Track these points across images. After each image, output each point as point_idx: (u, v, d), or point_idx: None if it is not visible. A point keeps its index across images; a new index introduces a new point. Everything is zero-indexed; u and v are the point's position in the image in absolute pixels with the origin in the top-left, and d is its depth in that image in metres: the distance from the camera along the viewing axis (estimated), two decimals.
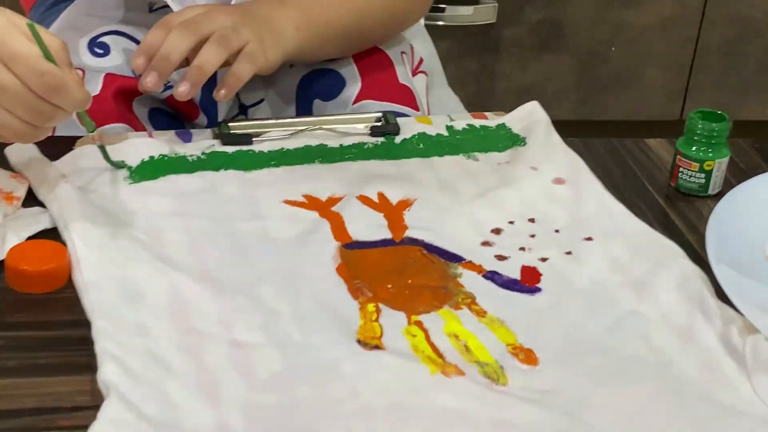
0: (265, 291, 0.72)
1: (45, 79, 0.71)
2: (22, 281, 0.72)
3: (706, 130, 0.87)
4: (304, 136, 0.90)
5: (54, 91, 0.72)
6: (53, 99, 0.72)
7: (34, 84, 0.71)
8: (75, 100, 0.73)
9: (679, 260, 0.77)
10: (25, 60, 0.71)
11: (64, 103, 0.73)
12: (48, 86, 0.72)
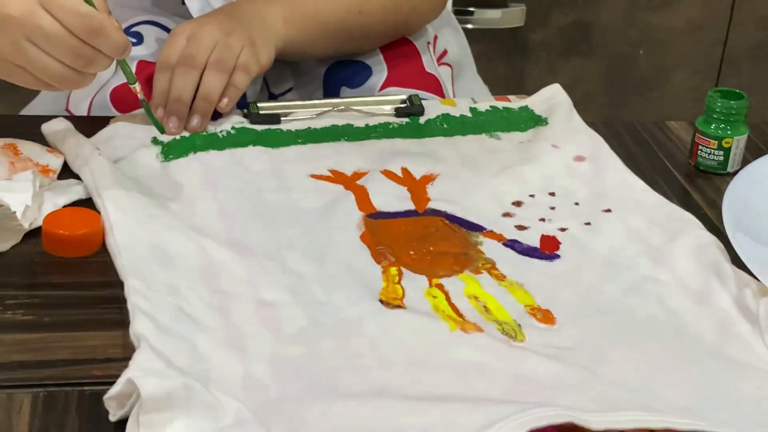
0: (291, 255, 0.74)
1: (85, 21, 0.74)
2: (58, 245, 0.75)
3: (725, 108, 0.89)
4: (331, 117, 0.92)
5: (94, 33, 0.75)
6: (93, 41, 0.75)
7: (74, 26, 0.74)
8: (114, 44, 0.76)
9: (696, 230, 0.79)
10: (66, 3, 0.74)
11: (104, 45, 0.76)
12: (88, 28, 0.75)
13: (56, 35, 0.75)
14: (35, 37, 0.75)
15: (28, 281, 0.73)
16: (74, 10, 0.74)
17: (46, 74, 0.77)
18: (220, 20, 0.93)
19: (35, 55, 0.75)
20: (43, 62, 0.76)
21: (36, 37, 0.75)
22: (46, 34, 0.75)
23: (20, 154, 0.84)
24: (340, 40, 1.03)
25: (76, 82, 0.78)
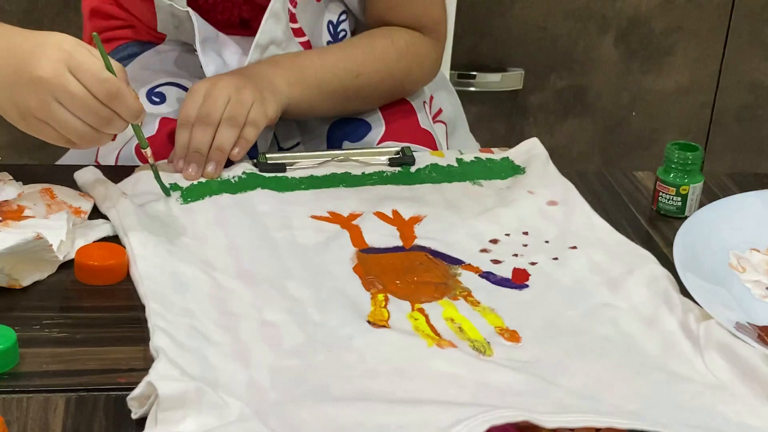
0: (291, 283, 0.85)
1: (106, 85, 0.85)
2: (88, 274, 0.85)
3: (682, 158, 1.00)
4: (331, 166, 1.03)
5: (113, 97, 0.86)
6: (112, 104, 0.86)
7: (96, 90, 0.85)
8: (131, 108, 0.87)
9: (651, 265, 0.89)
10: (90, 69, 0.85)
11: (121, 109, 0.87)
12: (108, 92, 0.85)
13: (80, 97, 0.85)
14: (62, 98, 0.86)
15: (62, 305, 0.83)
16: (97, 75, 0.86)
17: (69, 131, 0.87)
18: (232, 78, 1.05)
19: (61, 113, 0.86)
20: (67, 120, 0.87)
21: (63, 98, 0.86)
22: (72, 96, 0.86)
23: (56, 197, 0.95)
24: (340, 101, 1.14)
25: (95, 140, 0.89)
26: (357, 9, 1.22)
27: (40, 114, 0.86)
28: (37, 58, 0.85)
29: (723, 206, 0.98)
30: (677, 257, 0.88)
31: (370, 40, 1.18)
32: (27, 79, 0.85)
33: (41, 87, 0.85)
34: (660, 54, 2.01)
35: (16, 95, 0.86)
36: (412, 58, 1.18)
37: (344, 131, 1.17)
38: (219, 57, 1.12)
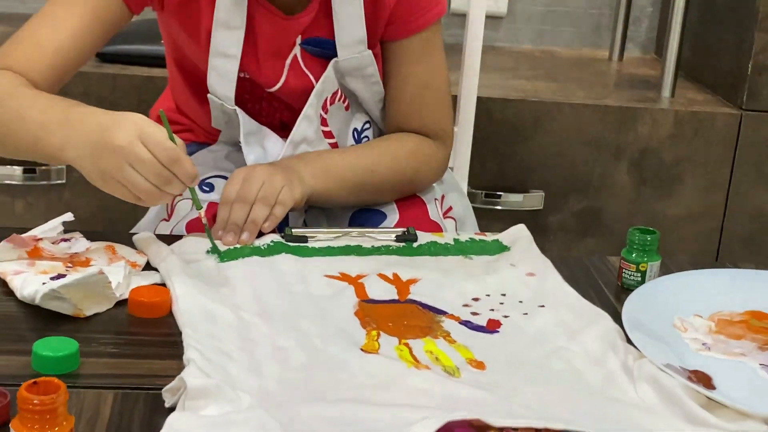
0: (301, 321, 1.03)
1: (168, 153, 1.06)
2: (139, 309, 1.05)
3: (641, 240, 1.18)
4: (346, 240, 1.23)
5: (173, 162, 1.06)
6: (173, 168, 1.06)
7: (161, 156, 1.06)
8: (188, 172, 1.08)
9: (606, 321, 1.06)
10: (156, 139, 1.06)
11: (180, 172, 1.07)
12: (170, 158, 1.06)
13: (148, 162, 1.06)
14: (134, 162, 1.07)
15: (116, 330, 1.02)
16: (162, 144, 1.07)
17: (138, 190, 1.08)
18: (266, 167, 1.26)
19: (132, 175, 1.07)
20: (137, 181, 1.07)
21: (134, 162, 1.07)
22: (142, 161, 1.07)
23: (116, 253, 1.15)
24: (356, 193, 1.35)
25: (158, 198, 1.10)
26: (378, 119, 1.44)
27: (117, 175, 1.07)
28: (115, 130, 1.07)
29: (674, 279, 1.15)
30: (625, 315, 1.06)
31: (384, 142, 1.39)
32: (107, 147, 1.07)
33: (118, 153, 1.06)
34: (670, 182, 2.20)
35: (97, 160, 1.08)
36: (421, 158, 1.39)
37: (363, 219, 1.37)
38: (260, 148, 1.33)
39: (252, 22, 1.32)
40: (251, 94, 1.37)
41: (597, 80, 2.38)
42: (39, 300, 1.02)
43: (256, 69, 1.34)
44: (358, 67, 1.36)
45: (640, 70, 2.50)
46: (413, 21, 1.37)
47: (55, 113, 1.13)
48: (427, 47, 1.40)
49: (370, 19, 1.35)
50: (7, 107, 1.17)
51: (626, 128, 2.18)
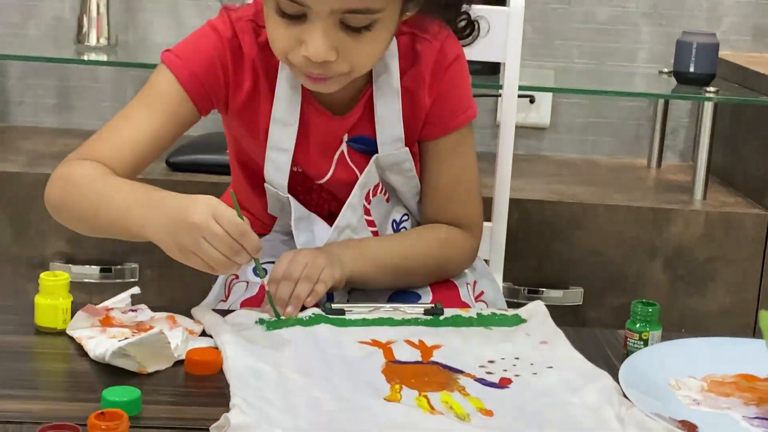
0: (334, 377, 1.18)
1: (238, 227, 1.23)
2: (194, 366, 1.20)
3: (643, 312, 1.31)
4: (379, 313, 1.38)
5: (242, 235, 1.23)
6: (241, 241, 1.23)
7: (231, 230, 1.22)
8: (254, 244, 1.24)
9: (605, 379, 1.19)
10: (227, 217, 1.23)
11: (247, 244, 1.24)
12: (239, 232, 1.23)
13: (221, 236, 1.23)
14: (208, 236, 1.23)
15: (174, 383, 1.18)
16: (232, 220, 1.24)
17: (211, 260, 1.24)
18: (310, 250, 1.42)
19: (206, 247, 1.24)
20: (211, 253, 1.24)
21: (208, 236, 1.23)
22: (215, 235, 1.23)
23: (176, 322, 1.31)
24: (391, 276, 1.50)
25: (228, 266, 1.26)
26: (415, 211, 1.60)
27: (193, 248, 1.24)
28: (192, 210, 1.24)
29: (672, 344, 1.28)
30: (622, 372, 1.19)
31: (417, 231, 1.56)
32: (185, 224, 1.24)
33: (195, 229, 1.24)
34: (703, 279, 2.32)
35: (175, 236, 1.25)
36: (451, 246, 1.55)
37: (399, 300, 1.52)
38: (309, 232, 1.50)
39: (305, 121, 1.50)
40: (303, 186, 1.54)
41: (633, 185, 2.52)
42: (108, 357, 1.19)
43: (307, 163, 1.52)
44: (396, 163, 1.53)
45: (677, 176, 2.64)
46: (446, 123, 1.54)
47: (138, 195, 1.32)
48: (459, 146, 1.56)
49: (408, 119, 1.52)
50: (95, 189, 1.36)
51: (660, 228, 2.31)
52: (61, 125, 2.81)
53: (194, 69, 1.45)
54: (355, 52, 1.35)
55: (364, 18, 1.33)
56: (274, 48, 1.39)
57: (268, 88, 1.48)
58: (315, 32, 1.32)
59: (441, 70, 1.51)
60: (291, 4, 1.32)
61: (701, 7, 2.75)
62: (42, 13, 2.76)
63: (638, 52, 2.77)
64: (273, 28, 1.37)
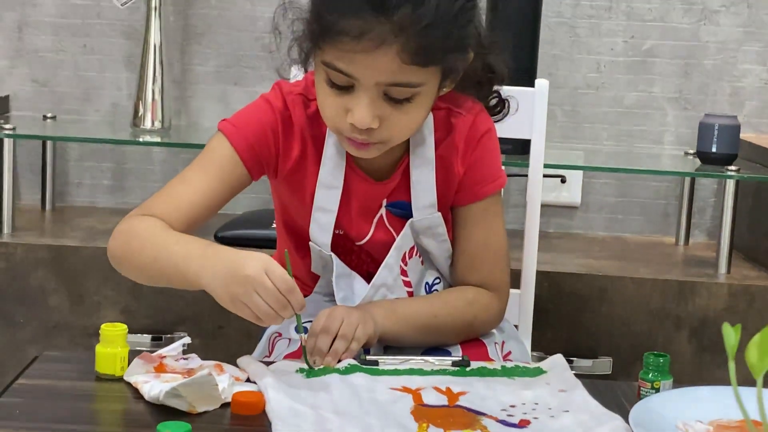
0: (368, 418, 1.29)
1: (286, 285, 1.36)
2: (239, 407, 1.32)
3: (655, 363, 1.41)
4: (410, 364, 1.49)
5: (290, 292, 1.36)
6: (289, 296, 1.36)
7: (281, 286, 1.35)
8: (299, 301, 1.37)
9: (617, 421, 1.30)
10: (278, 274, 1.36)
11: (294, 300, 1.36)
12: (288, 288, 1.36)
13: (270, 290, 1.36)
14: (259, 290, 1.36)
15: (221, 421, 1.30)
16: (282, 277, 1.37)
17: (260, 312, 1.37)
18: (346, 308, 1.54)
19: (256, 299, 1.36)
20: (260, 305, 1.36)
21: (260, 290, 1.36)
22: (266, 289, 1.36)
23: (224, 370, 1.43)
24: (422, 334, 1.62)
25: (273, 319, 1.38)
26: (447, 274, 1.72)
27: (244, 299, 1.37)
28: (246, 264, 1.38)
29: (682, 392, 1.38)
30: (632, 414, 1.29)
31: (447, 292, 1.68)
32: (238, 276, 1.37)
33: (248, 282, 1.37)
34: None
35: (228, 287, 1.38)
36: (478, 307, 1.66)
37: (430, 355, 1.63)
38: (349, 289, 1.62)
39: (348, 185, 1.63)
40: (344, 248, 1.67)
41: (660, 260, 2.62)
42: (162, 397, 1.31)
43: (349, 224, 1.65)
44: (429, 227, 1.66)
45: (704, 253, 2.74)
46: (477, 190, 1.67)
47: (195, 248, 1.45)
48: (487, 213, 1.69)
49: (441, 186, 1.65)
50: (155, 241, 1.50)
51: (685, 300, 2.41)
52: (116, 205, 2.97)
53: (248, 137, 1.60)
54: (396, 121, 1.48)
55: (405, 91, 1.45)
56: (323, 115, 1.53)
57: (315, 155, 1.62)
58: (361, 102, 1.45)
59: (473, 141, 1.64)
60: (341, 76, 1.45)
61: (724, 92, 2.88)
62: (101, 100, 2.94)
63: (664, 135, 2.89)
64: (323, 97, 1.50)
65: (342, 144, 1.57)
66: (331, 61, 1.44)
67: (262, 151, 1.61)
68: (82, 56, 2.92)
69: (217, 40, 2.91)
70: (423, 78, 1.46)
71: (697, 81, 2.88)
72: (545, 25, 2.75)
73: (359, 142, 1.51)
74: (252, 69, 2.91)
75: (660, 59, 2.88)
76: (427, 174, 1.63)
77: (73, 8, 2.90)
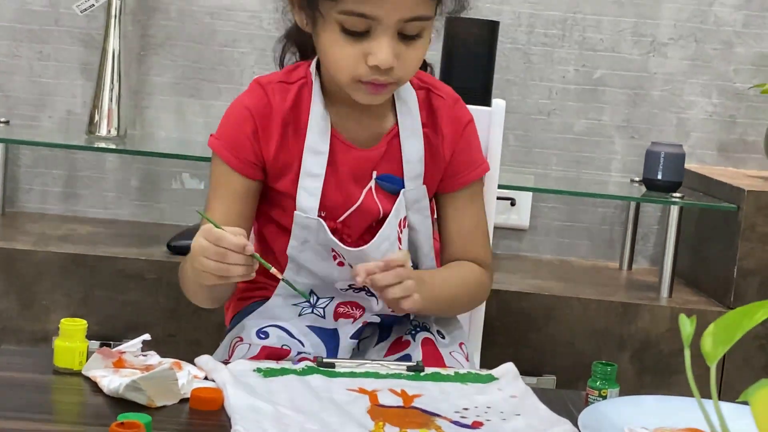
0: (325, 415, 1.31)
1: (213, 234, 1.44)
2: (198, 402, 1.34)
3: (602, 372, 1.45)
4: (366, 367, 1.52)
5: (218, 240, 1.44)
6: (220, 243, 1.43)
7: (209, 238, 1.44)
8: (232, 242, 1.43)
9: (566, 425, 1.34)
10: (205, 229, 1.45)
11: (227, 244, 1.43)
12: (215, 238, 1.44)
13: (205, 245, 1.45)
14: (199, 252, 1.45)
15: (180, 418, 1.31)
16: (208, 230, 1.45)
17: (209, 269, 1.45)
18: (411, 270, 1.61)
19: (203, 261, 1.45)
20: (207, 263, 1.45)
21: (199, 252, 1.45)
22: (202, 247, 1.45)
23: (182, 367, 1.45)
24: (441, 311, 1.73)
25: (226, 270, 1.45)
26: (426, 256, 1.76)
27: (199, 267, 1.48)
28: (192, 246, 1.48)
29: (629, 399, 1.42)
30: (581, 419, 1.33)
31: (463, 271, 1.76)
32: (192, 255, 1.49)
33: (198, 250, 1.48)
34: (669, 372, 2.46)
35: (194, 268, 1.51)
36: (483, 286, 1.78)
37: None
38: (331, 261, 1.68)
39: (334, 154, 1.68)
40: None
41: (605, 282, 2.68)
42: (122, 390, 1.32)
43: (335, 193, 1.69)
44: (416, 199, 1.72)
45: (646, 278, 2.81)
46: (464, 175, 1.77)
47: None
48: (474, 196, 1.79)
49: (428, 164, 1.73)
50: (189, 277, 1.63)
51: (628, 322, 2.46)
52: (65, 212, 2.97)
53: (231, 146, 1.68)
54: (408, 57, 1.57)
55: (418, 26, 1.55)
56: (338, 68, 1.58)
57: (297, 133, 1.68)
58: (382, 42, 1.53)
59: (458, 130, 1.75)
60: (360, 21, 1.52)
61: (670, 123, 2.96)
62: (55, 107, 2.94)
63: (612, 162, 2.96)
64: (337, 48, 1.56)
65: (355, 94, 1.62)
66: (352, 7, 1.51)
67: (247, 153, 1.68)
68: (38, 62, 2.93)
69: (174, 52, 2.93)
70: (431, 10, 1.57)
71: (644, 111, 2.96)
72: (500, 51, 2.81)
73: (378, 84, 1.58)
74: (208, 82, 2.93)
75: (610, 88, 2.95)
76: (417, 145, 1.71)
77: (30, 14, 2.91)
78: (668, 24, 2.93)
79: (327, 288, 1.70)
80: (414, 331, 1.71)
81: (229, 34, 2.92)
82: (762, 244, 2.50)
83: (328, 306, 1.70)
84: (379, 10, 1.51)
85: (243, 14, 2.90)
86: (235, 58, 2.92)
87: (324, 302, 1.69)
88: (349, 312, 1.71)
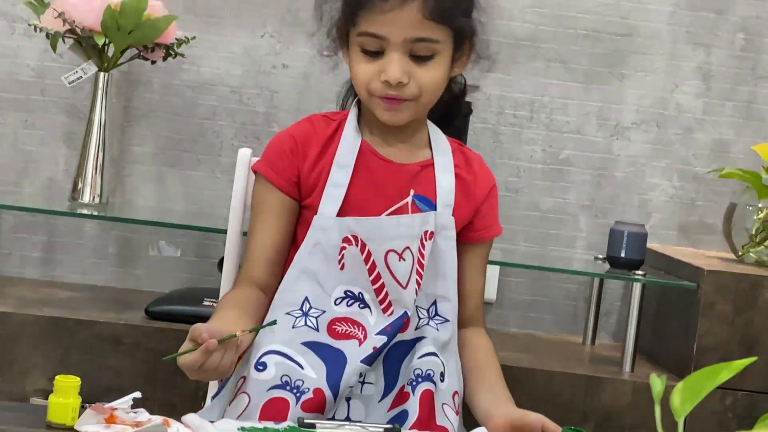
0: None
1: (190, 332, 1.53)
2: None
3: None
4: (346, 429, 1.59)
5: (191, 335, 1.54)
6: (192, 336, 1.53)
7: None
8: (194, 334, 1.53)
9: None
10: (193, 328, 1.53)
11: (193, 336, 1.53)
12: (190, 334, 1.54)
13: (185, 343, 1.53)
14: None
15: None
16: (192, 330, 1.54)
17: (190, 363, 1.54)
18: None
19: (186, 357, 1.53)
20: (190, 360, 1.54)
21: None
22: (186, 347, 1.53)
23: (170, 424, 1.52)
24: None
25: (197, 363, 1.55)
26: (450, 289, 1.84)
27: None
28: None
29: None
30: None
31: (489, 350, 1.90)
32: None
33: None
34: None
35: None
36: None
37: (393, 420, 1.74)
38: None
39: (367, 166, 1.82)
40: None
41: (569, 356, 2.77)
42: None
43: (366, 200, 1.80)
44: (445, 226, 1.82)
45: (609, 353, 2.90)
46: (485, 232, 1.92)
47: None
48: (484, 257, 1.93)
49: (458, 200, 1.85)
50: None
51: (591, 395, 2.55)
52: (43, 277, 3.03)
53: (273, 162, 1.83)
54: (421, 76, 1.75)
55: (427, 47, 1.74)
56: (358, 83, 1.79)
57: (332, 155, 1.81)
58: (392, 59, 1.74)
59: (488, 185, 1.92)
60: (373, 41, 1.74)
61: (633, 203, 3.08)
62: (37, 174, 3.02)
63: (576, 240, 3.08)
64: (358, 66, 1.77)
65: (376, 110, 1.79)
66: (365, 28, 1.74)
67: (285, 168, 1.82)
68: (23, 130, 3.01)
69: (156, 124, 3.02)
70: (440, 36, 1.75)
71: (608, 191, 3.08)
72: (471, 129, 2.93)
73: (392, 98, 1.75)
74: (188, 153, 3.02)
75: (575, 168, 3.08)
76: (449, 178, 1.86)
77: (17, 84, 2.99)
78: (632, 109, 3.07)
79: (322, 299, 1.76)
80: (416, 382, 1.76)
81: (210, 107, 3.02)
82: (720, 322, 2.60)
83: (321, 317, 1.76)
84: (387, 30, 1.72)
85: (223, 89, 3.00)
86: (215, 130, 3.02)
87: (316, 312, 1.76)
88: (350, 332, 1.76)
